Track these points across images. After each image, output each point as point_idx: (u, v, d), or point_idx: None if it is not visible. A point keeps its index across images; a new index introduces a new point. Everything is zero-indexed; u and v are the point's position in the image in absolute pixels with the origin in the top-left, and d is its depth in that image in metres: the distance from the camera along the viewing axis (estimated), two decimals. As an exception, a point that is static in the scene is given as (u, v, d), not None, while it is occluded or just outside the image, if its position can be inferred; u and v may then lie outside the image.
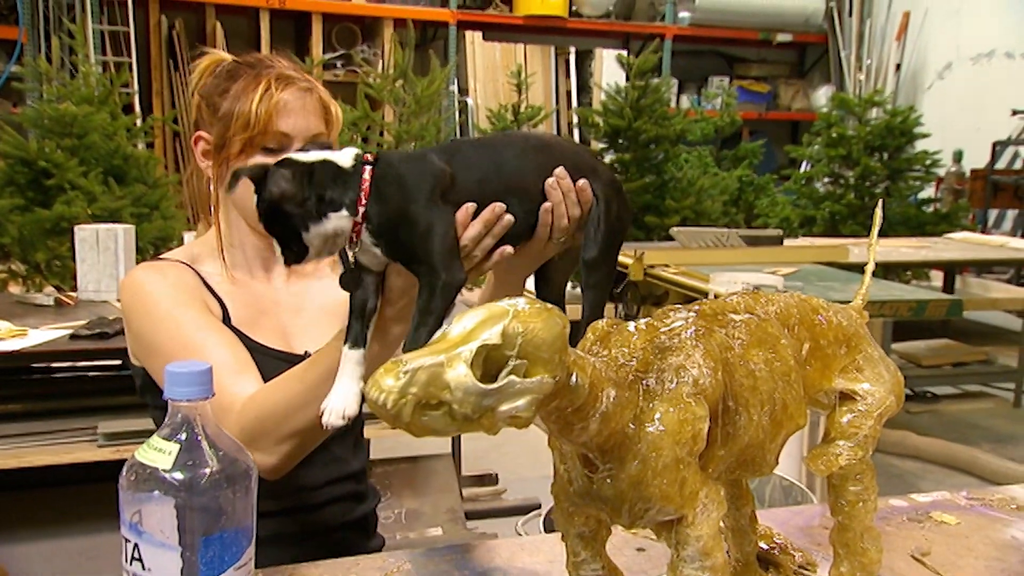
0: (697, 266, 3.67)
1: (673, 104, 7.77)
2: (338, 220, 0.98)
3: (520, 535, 1.72)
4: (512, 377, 0.66)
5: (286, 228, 0.98)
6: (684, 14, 8.17)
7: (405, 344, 0.99)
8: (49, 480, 2.62)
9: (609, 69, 7.71)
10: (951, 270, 5.49)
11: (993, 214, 7.07)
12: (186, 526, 0.74)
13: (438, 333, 0.69)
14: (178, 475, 0.74)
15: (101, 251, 2.82)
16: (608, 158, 5.54)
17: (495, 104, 6.87)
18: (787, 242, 4.54)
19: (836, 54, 8.57)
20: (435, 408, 0.66)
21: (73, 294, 2.90)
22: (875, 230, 1.06)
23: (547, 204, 1.04)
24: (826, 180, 6.18)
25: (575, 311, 0.93)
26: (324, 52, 7.19)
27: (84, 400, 2.57)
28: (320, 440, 1.17)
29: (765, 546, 1.05)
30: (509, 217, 1.01)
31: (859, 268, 4.24)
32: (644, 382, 0.78)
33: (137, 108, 6.56)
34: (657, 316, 0.85)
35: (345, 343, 1.02)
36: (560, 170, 1.05)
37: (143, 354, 1.28)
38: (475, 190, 1.01)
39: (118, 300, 2.80)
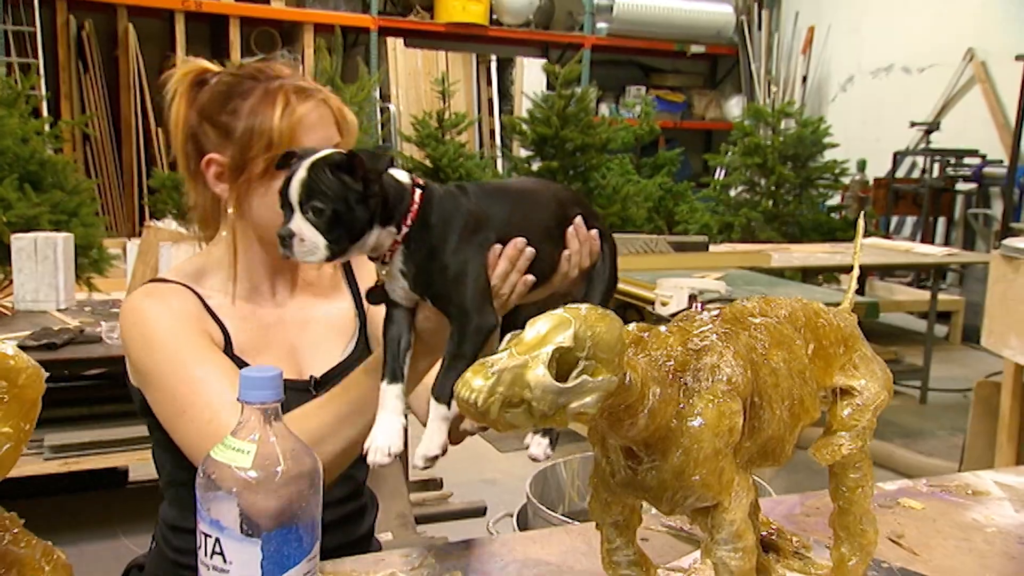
0: (628, 272, 3.78)
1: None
2: (384, 233, 0.97)
3: (492, 534, 1.77)
4: (584, 377, 0.72)
5: (355, 219, 0.95)
6: (602, 24, 8.34)
7: (435, 389, 0.99)
8: (-7, 494, 2.54)
9: (530, 77, 7.83)
10: (861, 274, 5.75)
11: (894, 220, 7.43)
12: (261, 521, 0.77)
13: (508, 337, 0.75)
14: (254, 473, 0.77)
15: (39, 260, 2.75)
16: (536, 166, 5.64)
17: (417, 110, 6.89)
18: (711, 248, 4.70)
19: (747, 66, 8.88)
20: (516, 406, 0.71)
21: (8, 303, 2.83)
22: (858, 240, 1.15)
23: (566, 252, 1.08)
24: (741, 188, 6.41)
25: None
26: (242, 56, 7.10)
27: (28, 412, 2.51)
28: (342, 470, 1.15)
29: (764, 532, 1.13)
30: (531, 250, 1.02)
31: (779, 273, 4.44)
32: (683, 380, 0.84)
33: (45, 112, 6.35)
34: (682, 320, 0.92)
35: (383, 379, 1.00)
36: (579, 220, 1.09)
37: (142, 383, 1.25)
38: (502, 233, 1.02)
39: (59, 308, 2.74)
